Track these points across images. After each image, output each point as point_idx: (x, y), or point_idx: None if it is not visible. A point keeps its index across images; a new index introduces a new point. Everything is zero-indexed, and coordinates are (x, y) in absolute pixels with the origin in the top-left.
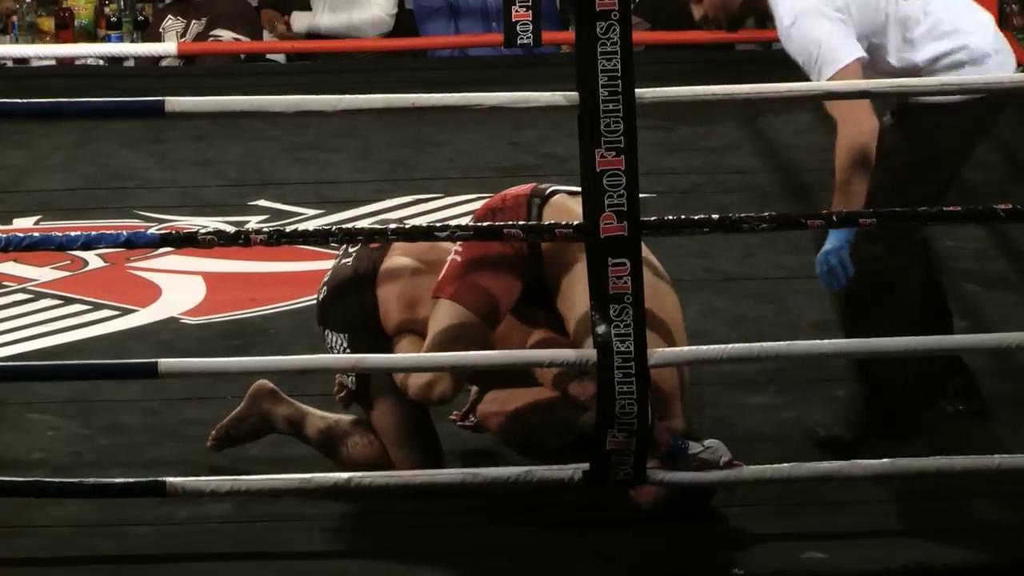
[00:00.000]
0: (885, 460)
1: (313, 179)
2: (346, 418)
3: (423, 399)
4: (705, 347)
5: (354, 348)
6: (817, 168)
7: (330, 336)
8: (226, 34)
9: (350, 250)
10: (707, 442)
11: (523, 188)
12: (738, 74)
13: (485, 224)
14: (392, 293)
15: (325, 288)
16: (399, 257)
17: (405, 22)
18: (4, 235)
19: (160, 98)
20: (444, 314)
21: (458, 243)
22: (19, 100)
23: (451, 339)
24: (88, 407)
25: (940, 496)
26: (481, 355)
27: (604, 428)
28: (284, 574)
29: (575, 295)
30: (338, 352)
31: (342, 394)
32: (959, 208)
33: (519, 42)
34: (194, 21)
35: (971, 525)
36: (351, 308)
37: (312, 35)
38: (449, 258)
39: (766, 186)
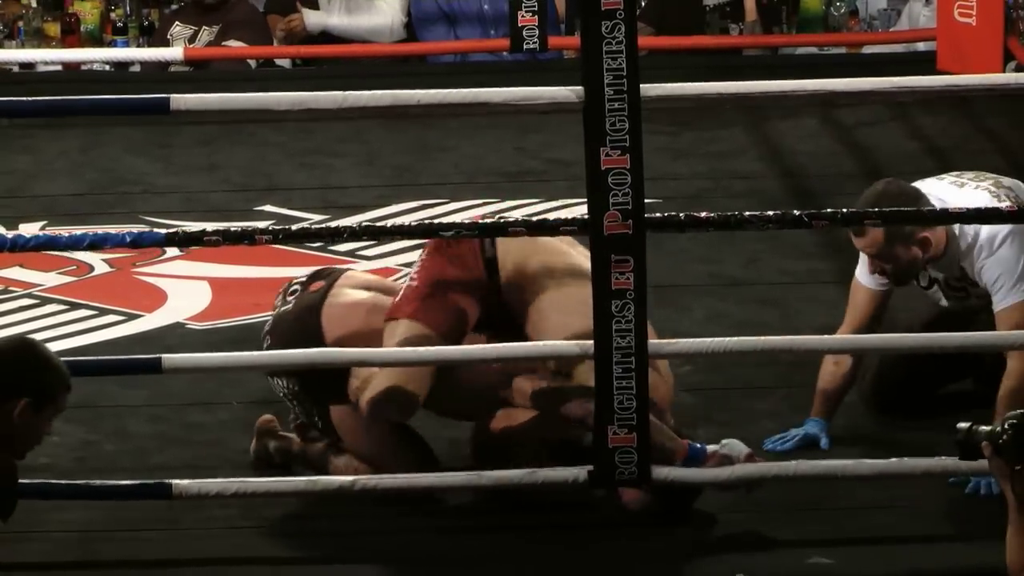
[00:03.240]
0: (892, 460)
1: (318, 184)
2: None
3: (377, 413)
4: (708, 340)
5: (305, 390)
6: (823, 173)
7: (280, 383)
8: (237, 44)
9: (287, 297)
10: (724, 441)
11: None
12: (743, 79)
13: (488, 221)
14: (340, 330)
15: (268, 338)
16: (345, 291)
17: (407, 29)
18: (10, 235)
19: (165, 95)
20: (403, 331)
21: (414, 268)
22: (25, 99)
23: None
24: (93, 412)
25: (945, 498)
26: (473, 349)
27: (604, 425)
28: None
29: (547, 327)
30: (288, 398)
31: (311, 435)
32: (963, 208)
33: (525, 47)
34: (205, 28)
35: (977, 529)
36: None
37: (325, 35)
38: (404, 283)
39: (772, 191)
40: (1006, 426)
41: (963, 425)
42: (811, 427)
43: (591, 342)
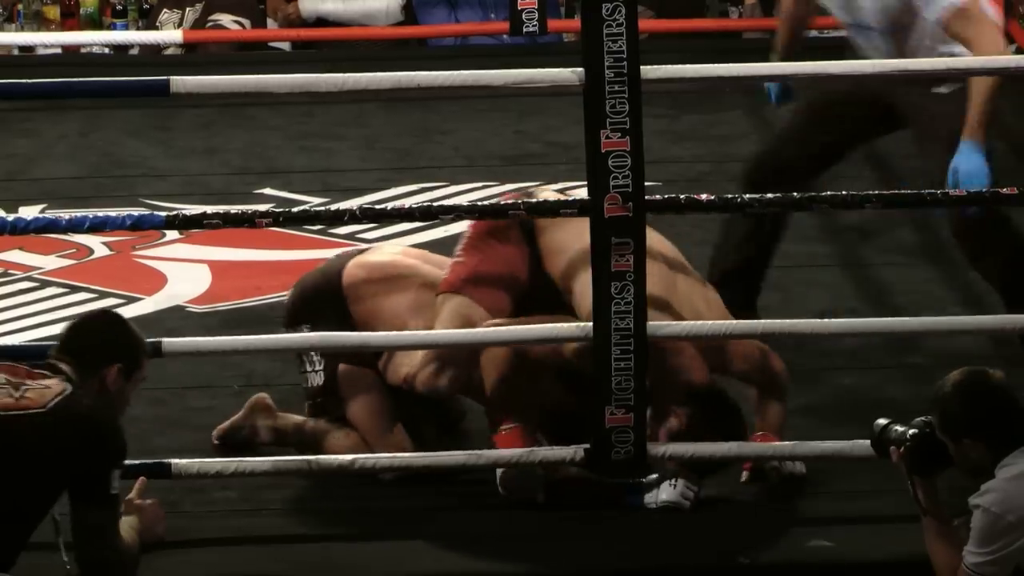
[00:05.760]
0: None
1: (318, 167)
2: (322, 421)
3: (432, 389)
4: (707, 323)
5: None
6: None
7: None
8: (226, 18)
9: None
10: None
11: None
12: (743, 62)
13: (487, 203)
14: (358, 288)
15: (294, 289)
16: (370, 256)
17: (407, 12)
18: (10, 218)
19: (165, 77)
20: (453, 308)
21: (460, 245)
22: (25, 80)
23: (461, 326)
24: None
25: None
26: (480, 332)
27: (602, 405)
28: (284, 558)
29: (584, 291)
30: (312, 353)
31: (311, 400)
32: (964, 192)
33: (525, 30)
34: (188, 9)
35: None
36: (320, 302)
37: (321, 21)
38: (452, 260)
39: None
40: (909, 435)
41: (880, 422)
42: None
43: (590, 324)
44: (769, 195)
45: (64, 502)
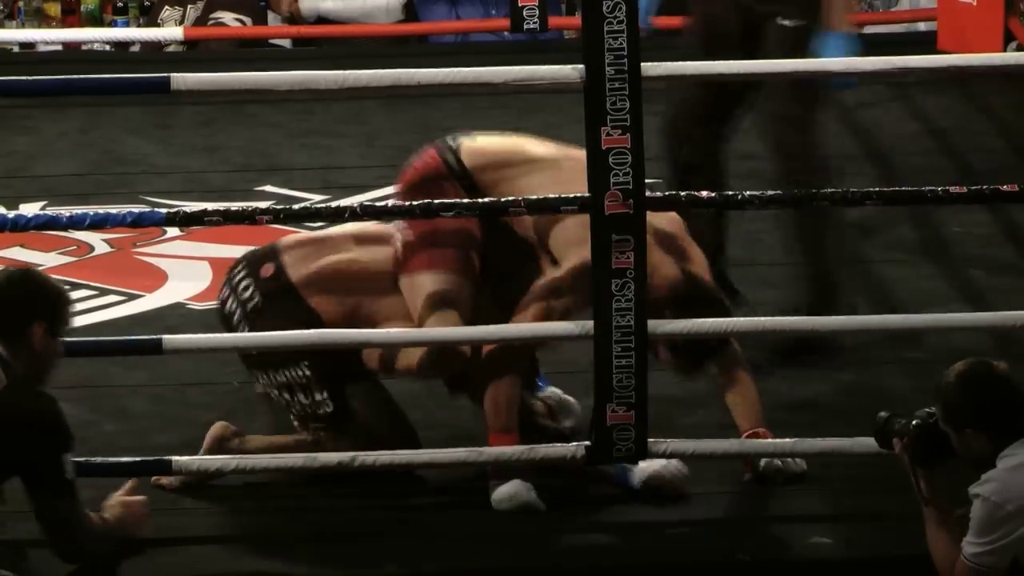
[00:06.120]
0: None
1: (319, 165)
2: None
3: (433, 372)
4: (709, 320)
5: (319, 375)
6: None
7: (280, 378)
8: (227, 15)
9: (243, 294)
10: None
11: (428, 153)
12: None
13: (487, 201)
14: (327, 295)
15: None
16: (305, 261)
17: (407, 9)
18: (11, 215)
19: (166, 74)
20: (428, 284)
21: (402, 223)
22: (25, 77)
23: (441, 302)
24: (93, 393)
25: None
26: (479, 330)
27: (603, 402)
28: (287, 556)
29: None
30: (302, 382)
31: (318, 424)
32: (964, 189)
33: (526, 27)
34: (190, 6)
35: None
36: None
37: (321, 19)
38: (399, 241)
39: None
40: (912, 426)
41: (883, 414)
42: None
43: (591, 322)
44: (770, 192)
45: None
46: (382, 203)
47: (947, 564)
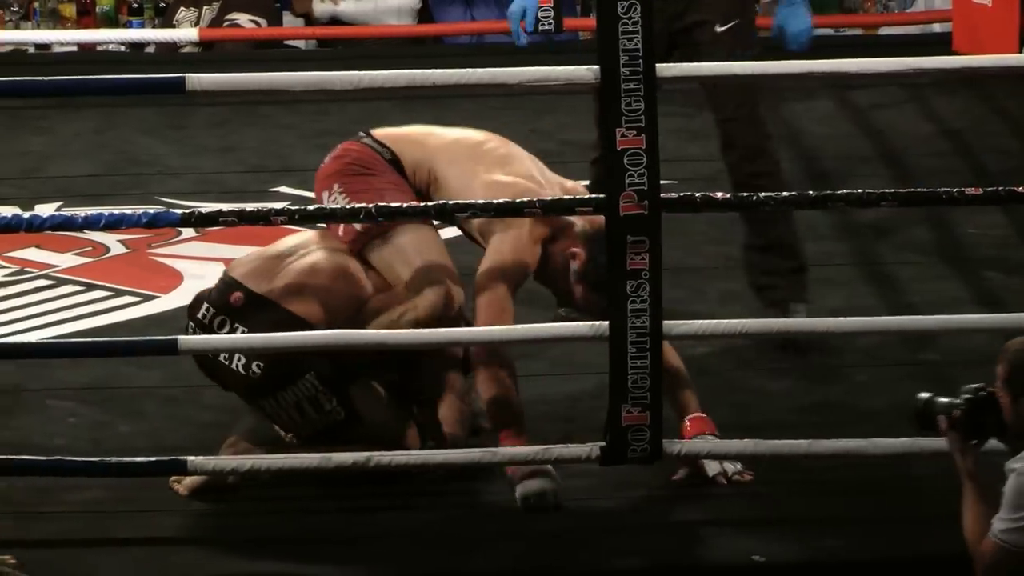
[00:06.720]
0: (904, 439)
1: None
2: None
3: (442, 311)
4: (723, 321)
5: (326, 385)
6: (838, 155)
7: (290, 396)
8: (242, 17)
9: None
10: None
11: (344, 145)
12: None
13: (500, 202)
14: (311, 301)
15: (255, 366)
16: (272, 277)
17: (423, 10)
18: (26, 215)
19: (181, 75)
20: (403, 241)
21: (341, 195)
22: (41, 78)
23: (427, 249)
24: (108, 394)
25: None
26: (498, 331)
27: (618, 403)
28: (299, 558)
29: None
30: (311, 394)
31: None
32: (979, 190)
33: (540, 28)
34: (205, 7)
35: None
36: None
37: (335, 21)
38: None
39: (788, 173)
40: (961, 400)
41: (923, 396)
42: None
43: (606, 323)
44: (784, 194)
45: None
46: (396, 204)
47: (977, 541)
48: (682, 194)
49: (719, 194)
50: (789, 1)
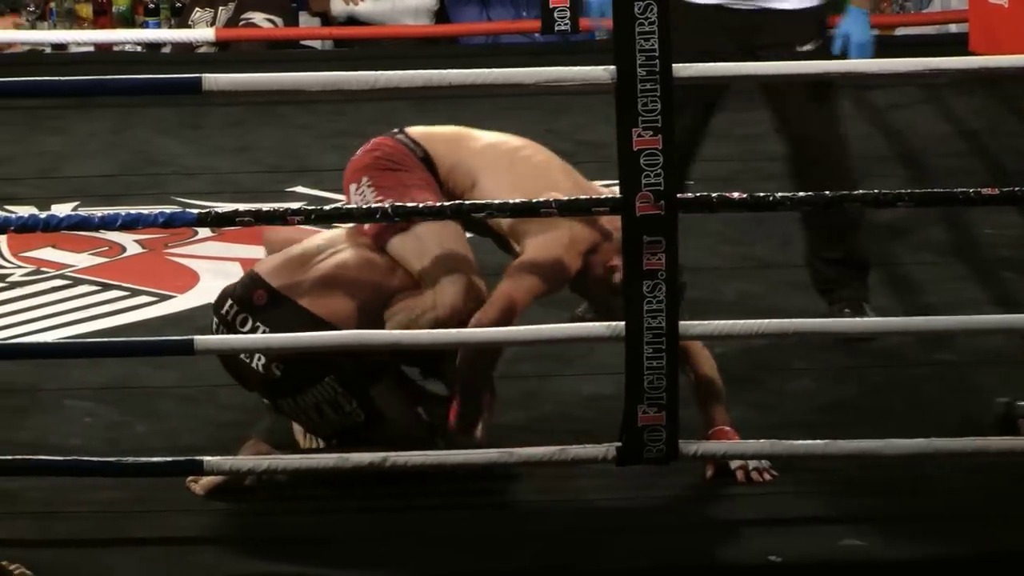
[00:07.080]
0: (920, 440)
1: None
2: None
3: (463, 307)
4: (739, 322)
5: (347, 387)
6: (856, 155)
7: (308, 399)
8: (258, 16)
9: (240, 329)
10: None
11: (376, 140)
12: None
13: (517, 202)
14: (332, 300)
15: (275, 367)
16: (295, 277)
17: (439, 10)
18: (43, 215)
19: (197, 75)
20: (422, 233)
21: (371, 191)
22: (57, 78)
23: (451, 243)
24: (124, 394)
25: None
26: (515, 331)
27: (634, 404)
28: (316, 559)
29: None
30: (331, 396)
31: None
32: (996, 190)
33: (557, 28)
34: (221, 7)
35: (1014, 510)
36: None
37: (352, 20)
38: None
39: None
40: None
41: (1002, 400)
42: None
43: (622, 324)
44: (801, 194)
45: None
46: (412, 204)
47: None
48: (698, 194)
49: (735, 194)
50: (853, 11)
